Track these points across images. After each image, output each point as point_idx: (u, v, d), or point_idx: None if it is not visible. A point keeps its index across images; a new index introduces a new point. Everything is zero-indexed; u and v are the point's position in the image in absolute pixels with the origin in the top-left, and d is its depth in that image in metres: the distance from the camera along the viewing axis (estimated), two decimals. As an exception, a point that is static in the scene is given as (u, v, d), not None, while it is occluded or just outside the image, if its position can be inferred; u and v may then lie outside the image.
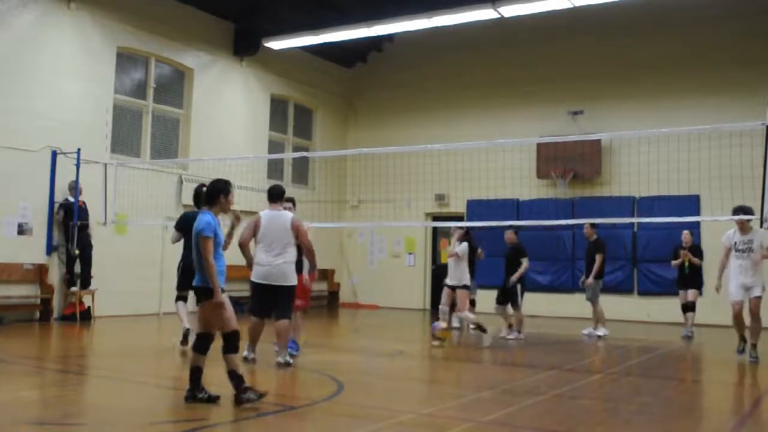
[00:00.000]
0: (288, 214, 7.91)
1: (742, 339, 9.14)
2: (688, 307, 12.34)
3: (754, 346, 8.87)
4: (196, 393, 5.69)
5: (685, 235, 12.56)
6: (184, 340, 8.97)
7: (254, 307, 7.96)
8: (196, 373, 5.71)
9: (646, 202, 15.56)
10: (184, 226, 8.94)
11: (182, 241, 9.30)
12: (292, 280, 7.79)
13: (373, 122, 19.37)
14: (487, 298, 17.25)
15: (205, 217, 5.75)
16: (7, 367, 7.52)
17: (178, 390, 6.60)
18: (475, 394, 6.76)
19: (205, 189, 5.99)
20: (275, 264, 7.67)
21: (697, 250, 12.70)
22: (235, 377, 5.61)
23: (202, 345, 5.79)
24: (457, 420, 5.57)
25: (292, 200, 8.50)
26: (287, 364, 7.70)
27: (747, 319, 8.96)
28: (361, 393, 5.57)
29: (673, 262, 12.51)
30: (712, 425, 5.90)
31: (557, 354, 10.37)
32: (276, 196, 7.97)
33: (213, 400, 5.67)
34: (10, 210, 12.06)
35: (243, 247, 7.83)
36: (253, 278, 7.78)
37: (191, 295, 7.13)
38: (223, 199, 5.89)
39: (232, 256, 11.80)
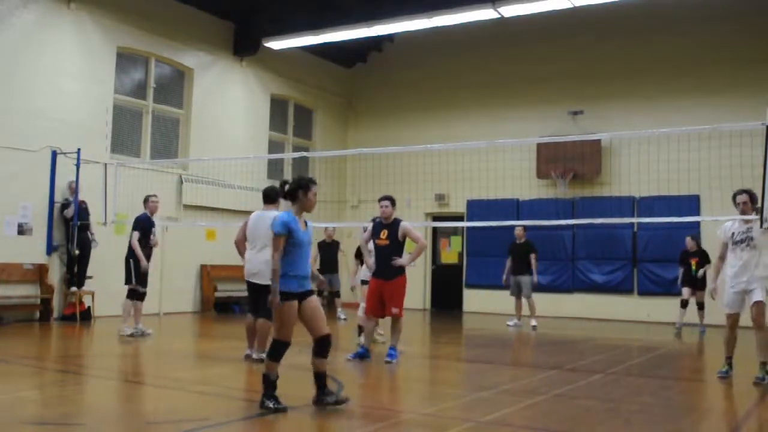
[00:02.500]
0: (272, 214, 8.05)
1: (728, 359, 7.68)
2: (699, 307, 12.85)
3: (763, 364, 7.28)
4: (323, 398, 5.61)
5: (689, 241, 12.86)
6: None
7: (248, 304, 8.48)
8: (321, 379, 5.64)
9: (646, 202, 15.55)
10: (136, 227, 10.38)
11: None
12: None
13: (373, 122, 19.37)
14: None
15: (282, 214, 5.64)
16: (7, 367, 7.52)
17: (178, 390, 6.61)
18: (475, 394, 6.75)
19: (287, 186, 5.79)
20: (255, 262, 8.08)
21: (704, 254, 12.92)
22: (265, 381, 5.57)
23: (320, 349, 5.67)
24: (457, 420, 5.57)
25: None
26: (261, 361, 7.79)
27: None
28: (361, 393, 5.57)
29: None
30: (712, 425, 5.90)
31: (557, 354, 10.36)
32: (269, 198, 8.29)
33: (342, 402, 5.60)
34: (10, 210, 12.06)
35: (236, 246, 8.42)
36: (245, 276, 8.24)
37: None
38: (302, 195, 5.73)
39: (232, 255, 11.80)
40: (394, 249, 8.30)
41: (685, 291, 12.96)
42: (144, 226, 10.39)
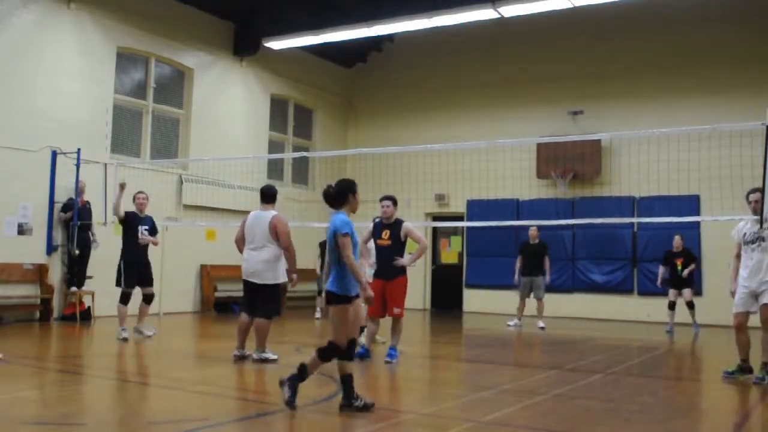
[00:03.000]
0: (270, 214, 8.13)
1: (742, 362, 7.48)
2: (689, 306, 12.81)
3: (764, 364, 7.22)
4: (352, 401, 5.50)
5: (677, 240, 12.91)
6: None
7: (242, 303, 8.43)
8: (349, 381, 5.55)
9: (646, 202, 15.56)
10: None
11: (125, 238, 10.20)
12: (268, 279, 7.97)
13: (373, 122, 19.36)
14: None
15: (340, 216, 5.69)
16: (7, 367, 7.51)
17: (178, 390, 6.61)
18: (475, 394, 6.75)
19: (332, 190, 5.82)
20: (252, 261, 8.06)
21: (689, 254, 12.91)
22: (301, 371, 5.53)
23: (346, 352, 5.60)
24: (457, 420, 5.57)
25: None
26: (262, 361, 7.89)
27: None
28: (361, 393, 5.57)
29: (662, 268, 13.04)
30: (712, 425, 5.89)
31: (557, 354, 10.36)
32: (267, 197, 8.25)
33: (369, 408, 5.49)
34: (10, 210, 12.05)
35: (237, 244, 8.39)
36: (242, 275, 8.21)
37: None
38: (351, 197, 5.79)
39: (232, 255, 11.68)
40: (395, 249, 8.29)
41: (672, 292, 12.94)
42: (132, 224, 10.13)
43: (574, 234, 16.51)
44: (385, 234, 8.35)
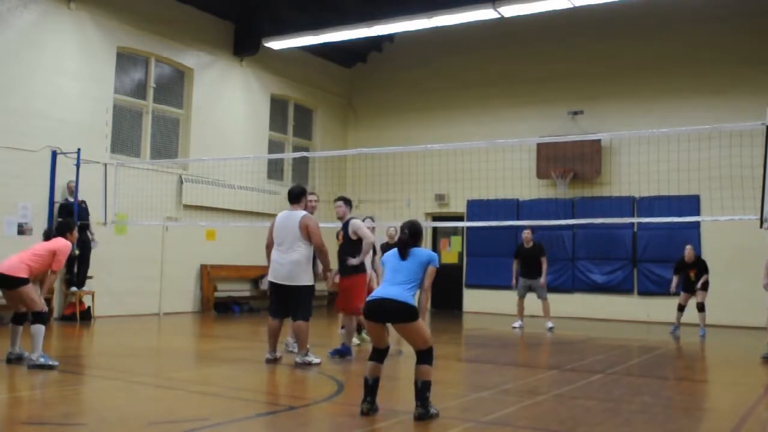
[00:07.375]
0: (299, 214, 7.97)
1: None
2: (699, 308, 12.65)
3: None
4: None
5: (688, 250, 12.62)
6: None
7: (270, 307, 8.19)
8: (377, 385, 5.53)
9: (646, 202, 15.56)
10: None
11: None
12: (302, 281, 7.85)
13: (373, 122, 19.36)
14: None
15: (430, 252, 5.81)
16: (7, 367, 7.51)
17: (178, 390, 6.61)
18: (475, 394, 6.76)
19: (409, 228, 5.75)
20: (282, 263, 7.86)
21: (702, 265, 12.76)
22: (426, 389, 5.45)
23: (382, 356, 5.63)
24: (457, 420, 5.57)
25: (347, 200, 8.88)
26: (305, 365, 7.75)
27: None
28: (361, 393, 5.56)
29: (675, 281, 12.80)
30: (712, 425, 5.89)
31: (557, 354, 10.36)
32: (294, 197, 8.10)
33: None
34: (10, 210, 12.05)
35: (267, 249, 8.13)
36: (269, 277, 8.02)
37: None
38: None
39: (232, 254, 11.57)
40: (347, 248, 8.66)
41: (683, 296, 12.76)
42: None
43: (574, 234, 16.52)
44: (339, 234, 8.70)
